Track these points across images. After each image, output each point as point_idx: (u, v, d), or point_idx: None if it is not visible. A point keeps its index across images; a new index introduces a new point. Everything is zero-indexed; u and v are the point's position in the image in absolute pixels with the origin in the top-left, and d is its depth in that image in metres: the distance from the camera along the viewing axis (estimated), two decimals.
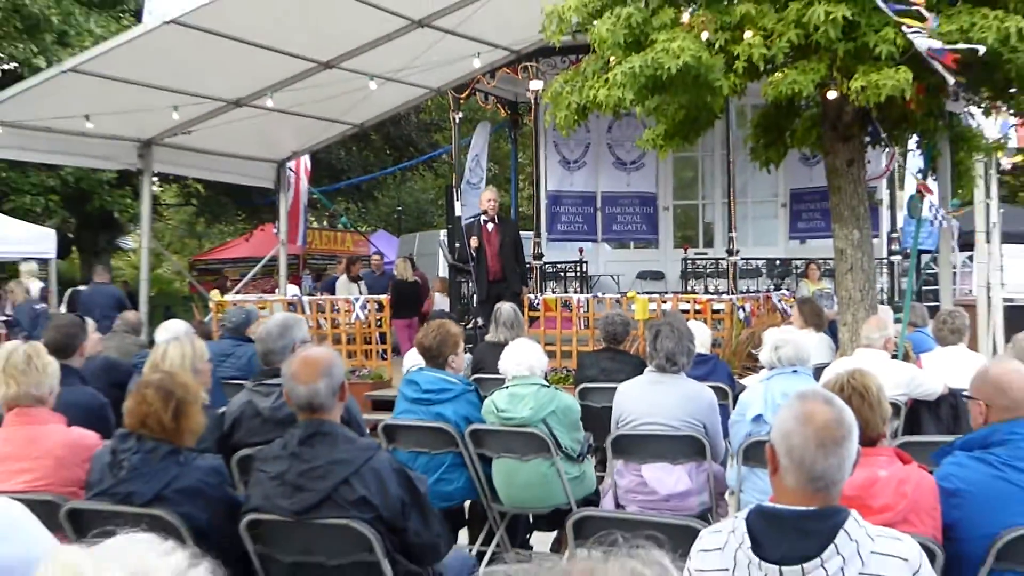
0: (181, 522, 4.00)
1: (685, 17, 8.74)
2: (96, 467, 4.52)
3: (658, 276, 15.99)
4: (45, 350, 5.10)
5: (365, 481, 4.28)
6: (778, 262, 15.53)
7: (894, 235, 15.02)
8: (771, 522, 3.08)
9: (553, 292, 14.55)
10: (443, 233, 20.70)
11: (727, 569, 3.08)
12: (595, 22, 9.13)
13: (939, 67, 8.02)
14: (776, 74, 8.70)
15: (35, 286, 18.06)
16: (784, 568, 3.01)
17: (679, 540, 2.77)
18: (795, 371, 6.30)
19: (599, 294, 13.91)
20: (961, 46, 7.98)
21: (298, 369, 4.49)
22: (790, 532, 3.05)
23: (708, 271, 15.66)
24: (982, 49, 7.99)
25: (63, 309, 17.39)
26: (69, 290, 19.81)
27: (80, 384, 6.28)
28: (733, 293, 13.84)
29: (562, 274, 15.93)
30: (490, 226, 13.21)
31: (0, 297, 19.56)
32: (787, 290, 14.10)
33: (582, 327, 12.58)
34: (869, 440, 3.70)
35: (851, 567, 2.99)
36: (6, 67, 20.25)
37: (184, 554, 1.86)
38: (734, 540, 3.10)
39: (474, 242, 13.34)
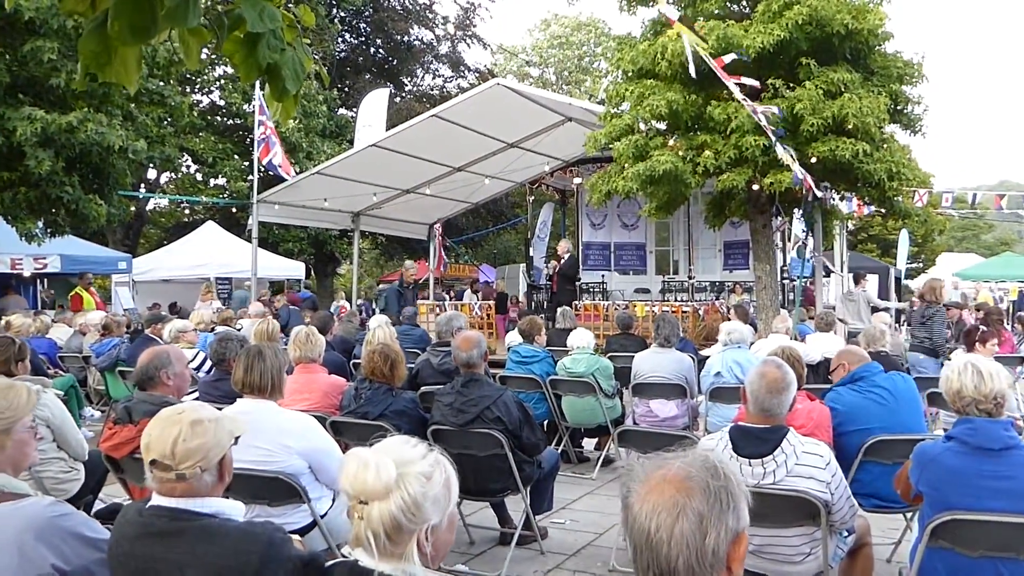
0: (394, 430, 4.01)
1: (670, 142, 8.70)
2: (346, 397, 4.59)
3: (646, 291, 15.74)
4: (317, 330, 5.19)
5: (499, 407, 4.29)
6: (717, 283, 15.28)
7: (785, 268, 14.71)
8: (744, 434, 3.05)
9: (586, 301, 14.38)
10: (522, 266, 20.63)
11: None
12: (616, 143, 9.13)
13: (807, 181, 8.17)
14: (723, 175, 8.62)
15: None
16: (752, 460, 2.99)
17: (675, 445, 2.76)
18: (738, 347, 6.21)
19: (615, 302, 13.80)
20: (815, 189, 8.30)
21: (461, 342, 4.52)
22: (755, 440, 3.01)
23: (675, 288, 15.45)
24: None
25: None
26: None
27: (331, 350, 6.37)
28: (692, 301, 13.66)
29: (592, 289, 15.80)
30: (557, 267, 13.14)
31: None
32: (721, 300, 13.87)
33: (604, 321, 12.46)
34: None
35: (790, 460, 2.95)
36: None
37: (424, 445, 1.77)
38: (722, 444, 3.07)
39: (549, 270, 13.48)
